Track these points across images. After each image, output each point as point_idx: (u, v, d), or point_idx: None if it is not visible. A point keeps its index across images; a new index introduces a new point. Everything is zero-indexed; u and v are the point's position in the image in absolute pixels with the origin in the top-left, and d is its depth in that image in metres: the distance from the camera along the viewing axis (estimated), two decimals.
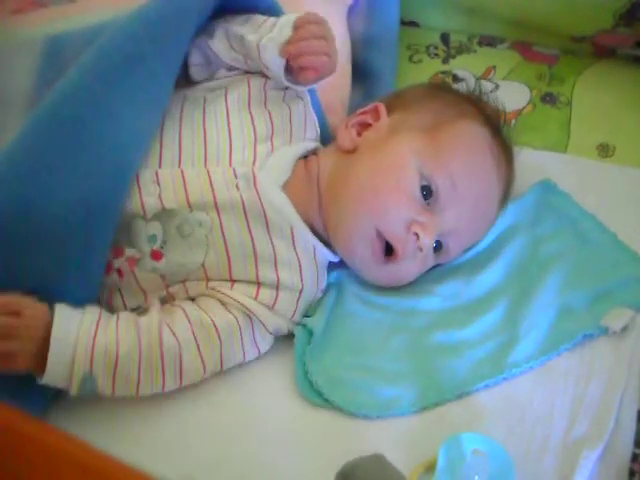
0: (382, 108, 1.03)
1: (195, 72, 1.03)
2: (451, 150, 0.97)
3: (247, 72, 1.03)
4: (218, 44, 1.00)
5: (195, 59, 1.02)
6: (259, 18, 0.99)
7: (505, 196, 1.04)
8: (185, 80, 1.03)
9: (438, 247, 0.98)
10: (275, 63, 0.96)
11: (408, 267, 0.97)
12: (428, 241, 0.94)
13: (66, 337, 0.84)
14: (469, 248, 1.03)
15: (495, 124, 1.04)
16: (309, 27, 0.94)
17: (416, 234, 0.93)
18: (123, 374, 0.87)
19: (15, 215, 0.85)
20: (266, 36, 0.96)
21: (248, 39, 0.97)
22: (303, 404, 0.91)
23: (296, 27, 0.95)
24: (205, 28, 1.00)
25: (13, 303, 0.83)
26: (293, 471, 0.85)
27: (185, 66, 1.01)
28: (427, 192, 0.95)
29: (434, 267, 1.02)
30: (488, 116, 1.04)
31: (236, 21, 1.00)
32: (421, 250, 0.95)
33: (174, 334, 0.89)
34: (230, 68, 1.03)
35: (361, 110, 1.05)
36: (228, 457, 0.87)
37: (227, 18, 1.01)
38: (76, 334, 0.85)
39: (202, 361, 0.90)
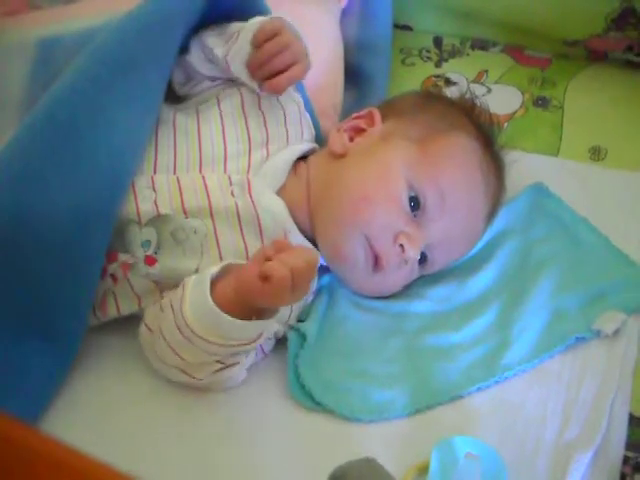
0: (377, 114, 1.02)
1: (179, 89, 1.02)
2: (441, 163, 0.97)
3: (231, 80, 1.02)
4: (194, 57, 0.99)
5: (177, 77, 1.01)
6: (233, 28, 0.98)
7: (493, 211, 1.03)
8: (173, 98, 1.02)
9: (423, 259, 0.98)
10: (245, 77, 0.96)
11: (393, 278, 0.97)
12: (413, 253, 0.94)
13: None
14: (454, 261, 1.03)
15: (487, 136, 1.04)
16: (267, 47, 0.92)
17: (401, 245, 0.93)
18: None
19: (10, 220, 0.85)
20: (232, 49, 0.95)
21: (216, 53, 0.97)
22: (295, 408, 0.91)
23: (255, 46, 0.93)
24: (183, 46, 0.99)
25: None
26: (285, 475, 0.85)
27: (170, 84, 1.00)
28: (415, 203, 0.95)
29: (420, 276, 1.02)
30: (481, 127, 1.04)
31: (210, 33, 0.99)
32: (406, 262, 0.95)
33: None
34: (212, 79, 1.02)
35: (355, 115, 1.04)
36: (219, 460, 0.87)
37: (204, 30, 1.00)
38: None
39: None
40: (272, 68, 0.93)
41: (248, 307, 0.82)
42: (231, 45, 0.95)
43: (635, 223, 1.09)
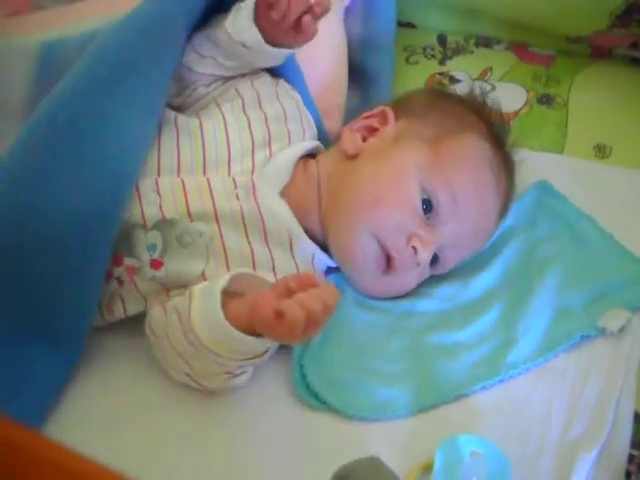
0: (390, 113, 1.02)
1: (173, 100, 1.02)
2: (453, 165, 0.97)
3: (226, 80, 1.02)
4: (187, 57, 0.99)
5: (170, 88, 1.00)
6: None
7: (504, 210, 1.04)
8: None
9: (435, 260, 0.98)
10: (250, 33, 0.94)
11: (404, 279, 0.98)
12: (426, 256, 0.94)
13: None
14: (465, 259, 1.03)
15: (498, 135, 1.04)
16: None
17: (414, 248, 0.93)
18: None
19: (12, 221, 0.85)
20: (228, 18, 0.95)
21: (214, 32, 0.96)
22: (300, 406, 0.91)
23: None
24: None
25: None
26: (289, 473, 0.85)
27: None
28: (427, 206, 0.95)
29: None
30: (491, 127, 1.04)
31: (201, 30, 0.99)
32: (418, 264, 0.95)
33: None
34: (207, 84, 1.01)
35: (367, 113, 1.04)
36: (224, 460, 0.87)
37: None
38: None
39: None
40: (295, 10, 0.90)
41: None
42: (226, 17, 0.95)
43: None
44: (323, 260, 0.98)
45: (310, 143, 1.02)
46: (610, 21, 1.25)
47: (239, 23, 0.95)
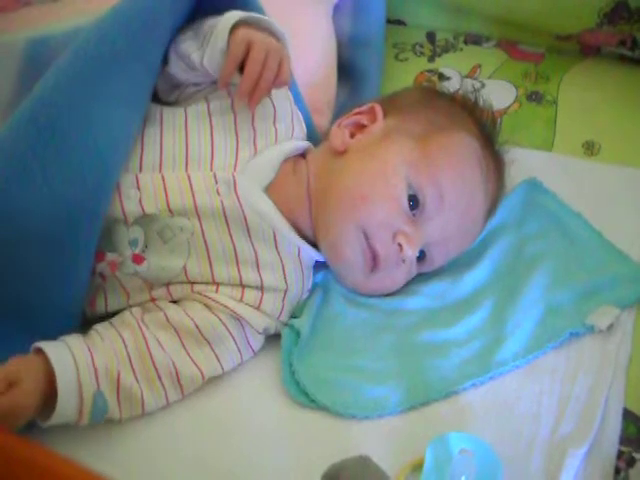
0: (379, 110, 1.02)
1: (166, 97, 1.01)
2: (441, 162, 0.97)
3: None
4: (174, 68, 0.98)
5: (161, 85, 1.00)
6: (205, 26, 0.96)
7: (492, 208, 1.04)
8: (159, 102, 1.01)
9: (422, 257, 0.98)
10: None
11: (392, 276, 0.98)
12: (412, 252, 0.94)
13: (65, 364, 0.83)
14: (453, 257, 1.03)
15: (488, 134, 1.04)
16: (249, 72, 0.91)
17: (400, 244, 0.93)
18: (126, 388, 0.86)
19: None
20: (206, 54, 0.93)
21: (193, 59, 0.95)
22: (290, 404, 0.91)
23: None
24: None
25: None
26: (279, 471, 0.85)
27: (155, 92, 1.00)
28: (414, 202, 0.95)
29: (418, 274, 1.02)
30: (482, 126, 1.04)
31: (183, 37, 0.98)
32: (404, 261, 0.95)
33: (160, 343, 0.89)
34: (197, 83, 1.00)
35: (356, 110, 1.04)
36: (214, 457, 0.86)
37: (179, 36, 0.98)
38: (73, 359, 0.84)
39: (195, 364, 0.90)
40: (261, 88, 0.92)
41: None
42: (205, 49, 0.94)
43: (629, 218, 1.09)
44: (310, 254, 0.98)
45: (300, 143, 1.02)
46: (599, 19, 1.26)
47: (212, 65, 0.93)
